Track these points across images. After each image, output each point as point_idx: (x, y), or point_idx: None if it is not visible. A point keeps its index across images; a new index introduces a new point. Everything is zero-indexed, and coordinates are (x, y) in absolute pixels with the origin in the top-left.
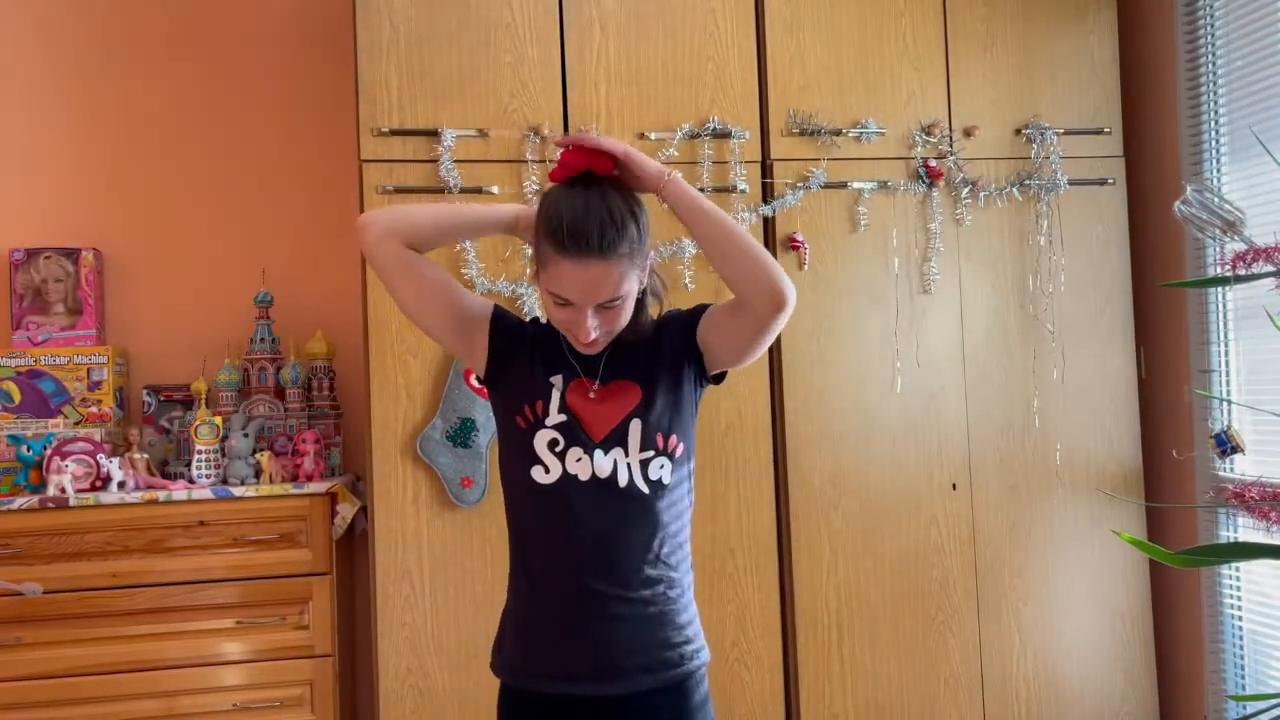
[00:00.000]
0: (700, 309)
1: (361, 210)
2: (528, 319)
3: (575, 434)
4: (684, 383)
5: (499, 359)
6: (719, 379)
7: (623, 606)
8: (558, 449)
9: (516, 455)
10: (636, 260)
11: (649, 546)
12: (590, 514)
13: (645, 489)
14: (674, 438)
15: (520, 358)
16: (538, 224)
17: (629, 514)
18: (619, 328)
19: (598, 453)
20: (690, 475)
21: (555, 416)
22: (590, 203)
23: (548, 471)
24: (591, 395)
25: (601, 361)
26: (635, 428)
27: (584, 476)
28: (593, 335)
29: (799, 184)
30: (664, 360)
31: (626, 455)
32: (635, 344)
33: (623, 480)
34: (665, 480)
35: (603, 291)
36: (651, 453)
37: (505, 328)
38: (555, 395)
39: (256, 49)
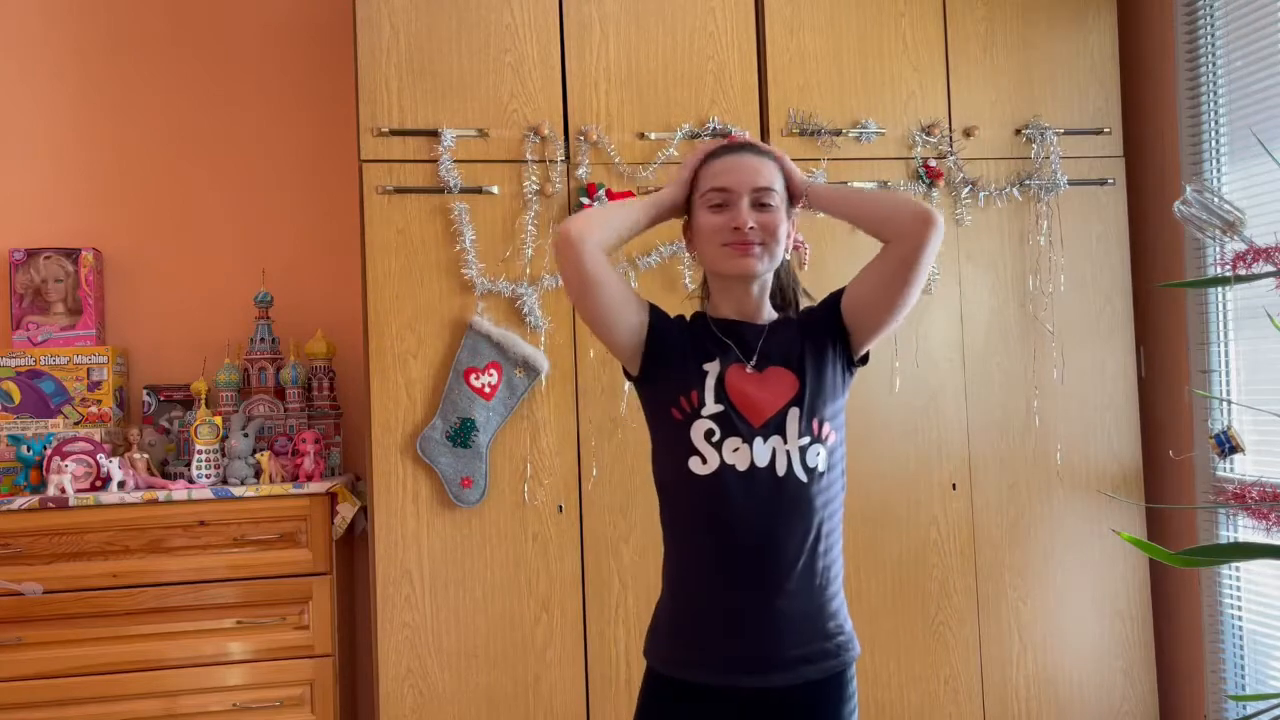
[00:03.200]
0: (837, 292)
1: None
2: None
3: (732, 423)
4: (830, 367)
5: (657, 353)
6: (864, 360)
7: (782, 598)
8: (714, 439)
9: (672, 447)
10: (782, 179)
11: (807, 535)
12: (750, 503)
13: (804, 477)
14: (828, 425)
15: (675, 349)
16: (696, 172)
17: (787, 502)
18: (774, 237)
19: (757, 440)
20: (843, 460)
21: (712, 406)
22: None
23: (705, 462)
24: (749, 370)
25: (759, 341)
26: (794, 416)
27: (742, 466)
28: (749, 223)
29: None
30: (812, 345)
31: (785, 443)
32: (787, 328)
33: (781, 469)
34: (821, 468)
35: (759, 177)
36: (809, 439)
37: (663, 321)
38: (710, 382)
39: (257, 49)
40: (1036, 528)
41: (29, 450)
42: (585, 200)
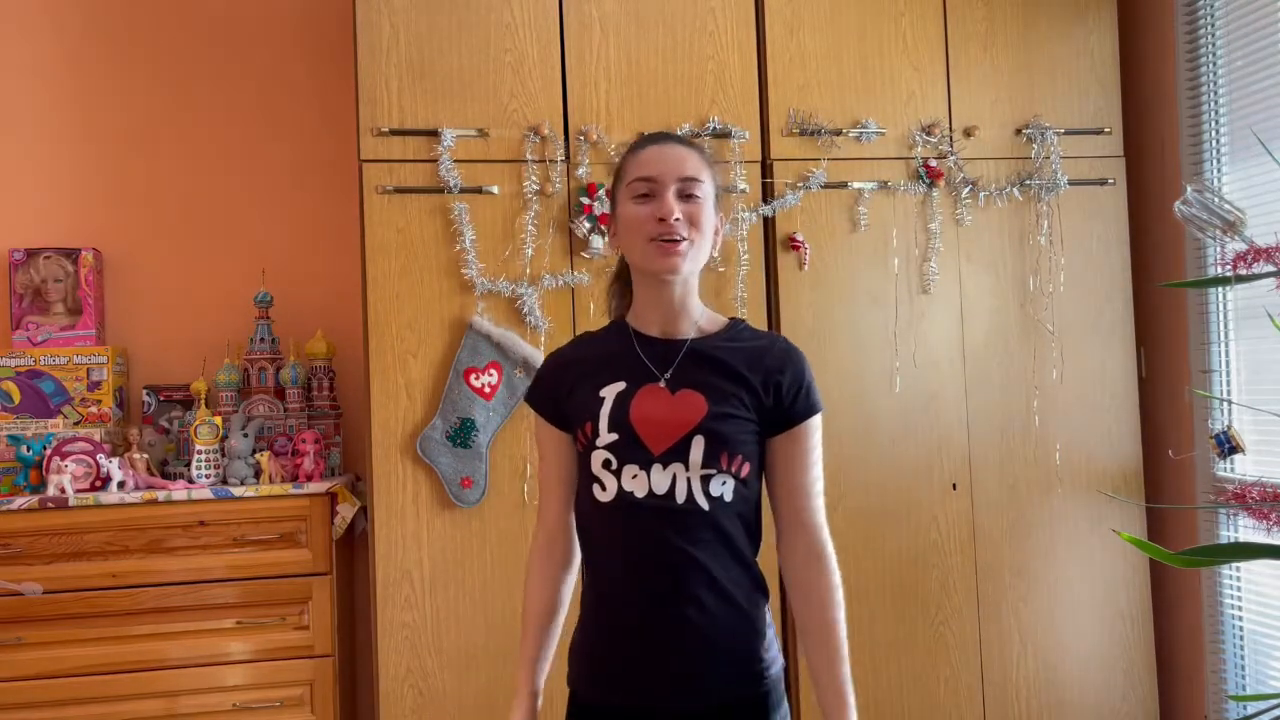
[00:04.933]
0: (804, 420)
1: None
2: (572, 338)
3: (629, 451)
4: (744, 425)
5: (563, 415)
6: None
7: (695, 621)
8: (612, 467)
9: (581, 478)
10: (712, 175)
11: (715, 561)
12: (651, 530)
13: (705, 505)
14: (740, 458)
15: (569, 398)
16: (615, 175)
17: (691, 530)
18: (700, 231)
19: (655, 467)
20: (760, 495)
21: (606, 436)
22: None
23: (604, 489)
24: (662, 387)
25: (677, 359)
26: (697, 443)
27: (640, 493)
28: (675, 214)
29: (799, 184)
30: (745, 390)
31: (687, 470)
32: (720, 354)
33: (681, 496)
34: (727, 498)
35: (683, 167)
36: (713, 471)
37: (549, 397)
38: (606, 409)
39: (257, 49)
40: (1037, 528)
41: (29, 450)
42: (585, 200)
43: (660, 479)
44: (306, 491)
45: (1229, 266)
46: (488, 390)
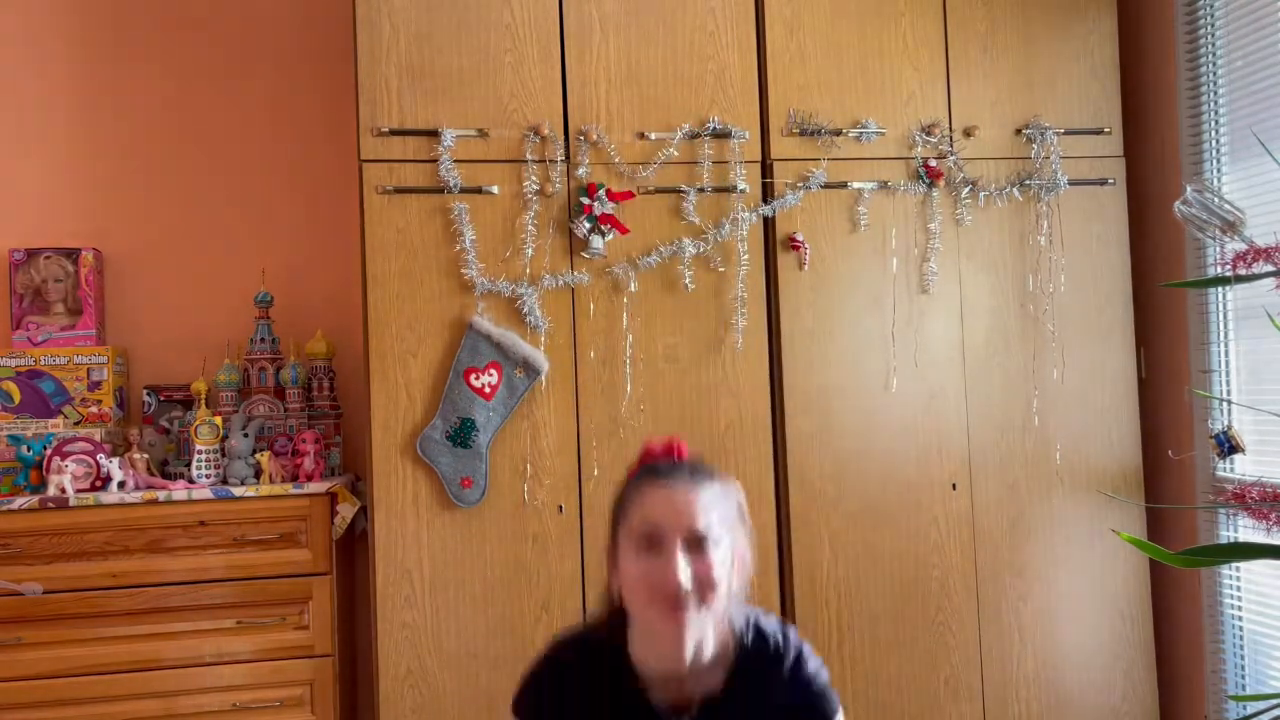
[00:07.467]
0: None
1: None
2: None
3: None
4: None
5: None
6: None
7: None
8: None
9: None
10: (726, 509)
11: None
12: None
13: None
14: None
15: None
16: (615, 506)
17: None
18: (712, 590)
19: None
20: None
21: None
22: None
23: None
24: None
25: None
26: None
27: None
28: (682, 576)
29: (799, 184)
30: None
31: None
32: (746, 700)
33: None
34: None
35: (693, 516)
36: None
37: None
38: None
39: (257, 49)
40: (1036, 528)
41: (29, 450)
42: (585, 200)
43: None
44: (306, 491)
45: (1229, 266)
46: (488, 390)
